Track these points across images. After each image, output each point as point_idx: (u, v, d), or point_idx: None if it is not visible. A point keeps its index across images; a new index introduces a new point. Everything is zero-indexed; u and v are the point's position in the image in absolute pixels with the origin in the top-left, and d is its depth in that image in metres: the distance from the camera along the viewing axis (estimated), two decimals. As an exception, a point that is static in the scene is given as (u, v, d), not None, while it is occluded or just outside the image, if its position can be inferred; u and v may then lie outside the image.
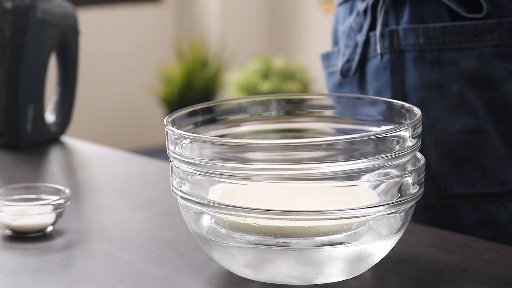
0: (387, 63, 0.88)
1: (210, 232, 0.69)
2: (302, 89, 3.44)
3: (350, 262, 0.67)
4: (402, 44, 0.87)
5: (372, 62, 0.90)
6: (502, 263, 0.72)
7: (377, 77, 0.89)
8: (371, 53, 0.90)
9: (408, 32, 0.87)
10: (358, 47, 0.91)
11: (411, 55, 0.87)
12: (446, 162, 0.86)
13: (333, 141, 0.66)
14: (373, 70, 0.90)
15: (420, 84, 0.87)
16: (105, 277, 0.71)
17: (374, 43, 0.89)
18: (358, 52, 0.90)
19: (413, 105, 0.72)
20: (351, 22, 0.92)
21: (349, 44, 0.92)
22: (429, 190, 0.87)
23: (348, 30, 0.92)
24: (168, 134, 0.69)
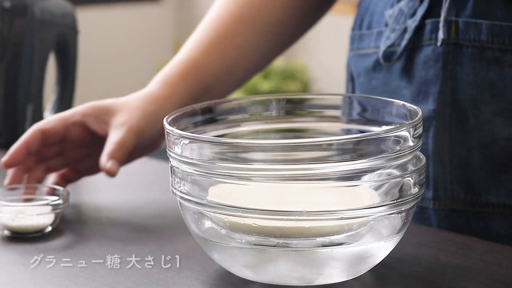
0: (440, 55, 0.84)
1: (210, 232, 0.68)
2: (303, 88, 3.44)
3: (351, 263, 0.67)
4: (460, 37, 0.83)
5: (422, 50, 0.86)
6: (504, 264, 0.72)
7: (425, 67, 0.86)
8: (424, 41, 0.86)
9: (470, 26, 0.83)
10: (407, 32, 0.87)
11: (469, 51, 0.83)
12: (486, 168, 0.83)
13: (333, 141, 0.66)
14: (422, 60, 0.86)
15: (474, 82, 0.83)
16: (104, 278, 0.71)
17: (430, 31, 0.85)
18: (407, 37, 0.86)
19: (413, 105, 0.71)
20: (402, 5, 0.88)
21: (396, 28, 0.87)
22: (461, 194, 0.84)
23: (397, 13, 0.88)
24: (167, 134, 0.69)
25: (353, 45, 0.94)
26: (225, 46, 0.94)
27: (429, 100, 0.85)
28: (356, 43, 0.94)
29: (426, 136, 0.85)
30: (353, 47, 0.94)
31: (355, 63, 0.94)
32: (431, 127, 0.85)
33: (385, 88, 0.89)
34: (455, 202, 0.85)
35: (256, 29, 0.96)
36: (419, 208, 0.86)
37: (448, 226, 0.85)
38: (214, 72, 0.94)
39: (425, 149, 0.85)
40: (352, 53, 0.95)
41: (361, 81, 0.92)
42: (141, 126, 0.88)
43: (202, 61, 0.93)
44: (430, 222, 0.85)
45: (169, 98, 0.90)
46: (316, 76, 3.56)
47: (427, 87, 0.85)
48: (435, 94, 0.84)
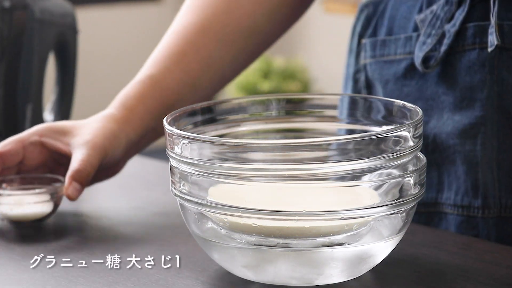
0: (485, 59, 0.83)
1: (210, 232, 0.68)
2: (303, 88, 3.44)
3: (351, 263, 0.67)
4: (506, 41, 0.81)
5: (464, 55, 0.84)
6: (504, 264, 0.72)
7: (470, 72, 0.84)
8: (466, 45, 0.84)
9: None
10: (446, 37, 0.84)
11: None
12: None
13: (333, 141, 0.66)
14: (466, 65, 0.84)
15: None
16: (104, 278, 0.71)
17: (472, 35, 0.83)
18: (446, 42, 0.84)
19: (414, 105, 0.71)
20: (437, 10, 0.86)
21: (433, 33, 0.85)
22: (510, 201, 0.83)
23: (431, 18, 0.86)
24: (167, 134, 0.69)
25: (374, 51, 0.91)
26: (187, 61, 0.91)
27: (475, 106, 0.83)
28: (378, 49, 0.91)
29: (474, 143, 0.83)
30: (375, 53, 0.91)
31: (380, 70, 0.91)
32: (479, 134, 0.83)
33: (420, 95, 0.87)
34: (503, 210, 0.83)
35: (222, 40, 0.92)
36: (465, 217, 0.85)
37: (496, 234, 0.83)
38: (176, 89, 0.91)
39: (474, 156, 0.83)
40: (373, 60, 0.92)
41: (390, 88, 0.89)
42: (105, 144, 0.85)
43: (162, 79, 0.90)
44: (478, 230, 0.84)
45: (129, 120, 0.88)
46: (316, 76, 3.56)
47: (472, 93, 0.83)
48: (482, 100, 0.83)
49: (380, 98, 0.76)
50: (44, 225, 0.85)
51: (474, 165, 0.83)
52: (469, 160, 0.83)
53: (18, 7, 1.09)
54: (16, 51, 1.10)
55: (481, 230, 0.84)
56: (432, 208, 0.86)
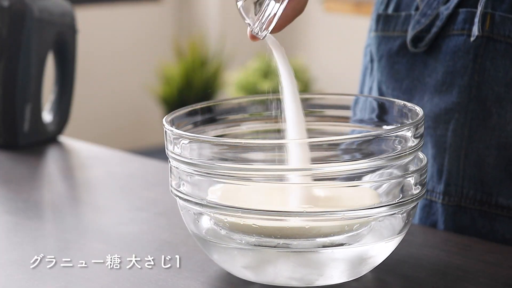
0: (471, 47, 0.82)
1: (210, 233, 0.68)
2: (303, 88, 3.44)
3: (352, 264, 0.66)
4: (495, 31, 0.81)
5: (452, 39, 0.84)
6: (505, 265, 0.72)
7: (454, 57, 0.83)
8: (455, 30, 0.84)
9: (506, 21, 0.81)
10: (438, 19, 0.84)
11: (501, 47, 0.81)
12: (501, 168, 0.82)
13: (334, 141, 0.65)
14: (452, 49, 0.84)
15: (502, 80, 0.81)
16: (103, 279, 0.70)
17: (463, 21, 0.83)
18: (438, 25, 0.84)
19: (415, 105, 0.71)
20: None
21: (428, 13, 0.85)
22: (471, 192, 0.83)
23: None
24: (167, 134, 0.69)
25: (378, 26, 0.91)
26: None
27: (453, 92, 0.83)
28: (381, 24, 0.91)
29: (446, 128, 0.83)
30: (378, 28, 0.91)
31: (378, 44, 0.91)
32: (452, 120, 0.83)
33: (408, 73, 0.87)
34: (463, 199, 0.83)
35: None
36: (428, 201, 0.85)
37: (453, 223, 0.83)
38: None
39: (443, 142, 0.83)
40: (375, 33, 0.92)
41: (382, 64, 0.90)
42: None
43: None
44: (437, 217, 0.84)
45: None
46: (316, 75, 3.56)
47: (453, 78, 0.83)
48: (461, 86, 0.83)
49: (380, 98, 0.76)
50: (44, 225, 0.84)
51: (442, 151, 0.83)
52: (438, 145, 0.83)
53: (17, 6, 1.09)
54: (15, 51, 1.10)
55: (439, 217, 0.84)
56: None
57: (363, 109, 0.76)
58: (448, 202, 0.84)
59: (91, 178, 1.01)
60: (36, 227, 0.84)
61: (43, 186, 1.01)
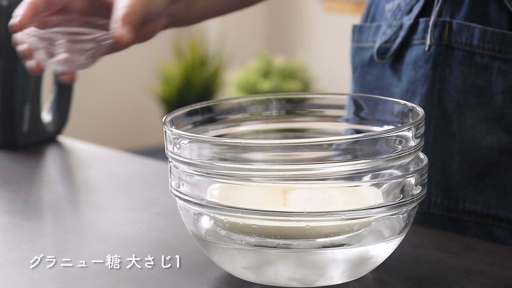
0: (430, 56, 0.83)
1: (209, 233, 0.68)
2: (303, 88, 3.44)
3: (352, 264, 0.66)
4: (453, 39, 0.82)
5: (413, 49, 0.85)
6: (506, 265, 0.71)
7: (415, 66, 0.84)
8: (415, 39, 0.84)
9: (463, 29, 0.81)
10: (402, 30, 0.85)
11: (459, 54, 0.82)
12: (465, 174, 0.82)
13: (334, 141, 0.65)
14: (413, 59, 0.84)
15: (461, 87, 0.82)
16: (103, 279, 0.70)
17: (422, 30, 0.84)
18: (401, 35, 0.85)
19: (416, 105, 0.71)
20: (401, 1, 0.87)
21: (393, 24, 0.86)
22: (439, 199, 0.83)
23: (395, 8, 0.87)
24: (166, 134, 0.68)
25: (353, 36, 0.93)
26: None
27: (415, 101, 0.84)
28: (356, 35, 0.92)
29: None
30: (353, 38, 0.93)
31: (354, 55, 0.92)
32: None
33: (378, 84, 0.88)
34: (432, 206, 0.84)
35: None
36: None
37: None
38: None
39: None
40: (352, 44, 0.93)
41: (356, 74, 0.91)
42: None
43: None
44: None
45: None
46: (316, 75, 3.56)
47: (415, 87, 0.84)
48: (422, 95, 0.83)
49: (380, 98, 0.75)
50: (44, 226, 0.84)
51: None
52: None
53: (16, 5, 1.09)
54: (14, 51, 1.09)
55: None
56: None
57: (363, 109, 0.76)
58: (418, 210, 0.84)
59: (90, 178, 1.01)
60: (35, 227, 0.84)
61: (43, 186, 1.01)
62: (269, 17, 3.94)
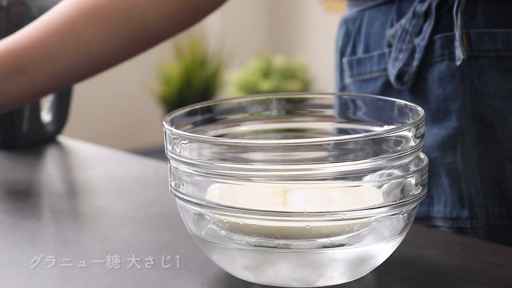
0: (455, 70, 0.83)
1: (209, 233, 0.68)
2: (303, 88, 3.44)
3: (352, 264, 0.66)
4: (474, 49, 0.82)
5: (434, 68, 0.84)
6: (507, 266, 0.71)
7: (442, 84, 0.84)
8: (435, 57, 0.84)
9: (483, 37, 0.81)
10: (416, 51, 0.85)
11: (485, 62, 0.81)
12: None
13: (334, 141, 0.65)
14: (437, 77, 0.84)
15: (495, 93, 0.81)
16: (102, 280, 0.70)
17: (440, 47, 0.84)
18: (417, 57, 0.84)
19: (416, 105, 0.71)
20: (405, 24, 0.85)
21: (403, 48, 0.85)
22: (496, 209, 0.83)
23: (400, 32, 0.86)
24: (166, 134, 0.68)
25: (352, 71, 0.91)
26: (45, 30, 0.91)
27: (451, 117, 0.83)
28: (355, 69, 0.91)
29: (454, 154, 0.83)
30: (353, 73, 0.91)
31: (359, 89, 0.91)
32: (458, 145, 0.83)
33: None
34: (491, 218, 0.84)
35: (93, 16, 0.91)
36: (457, 229, 0.85)
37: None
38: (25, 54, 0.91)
39: (455, 168, 0.84)
40: (351, 79, 0.92)
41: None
42: None
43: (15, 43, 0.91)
44: None
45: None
46: (316, 75, 3.56)
47: (446, 105, 0.83)
48: (457, 110, 0.83)
49: (381, 98, 0.75)
50: (43, 226, 0.84)
51: (456, 177, 0.84)
52: (451, 172, 0.84)
53: (16, 5, 1.09)
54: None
55: None
56: (426, 222, 0.87)
57: (363, 109, 0.76)
58: (477, 225, 0.84)
59: (90, 178, 1.00)
60: (35, 227, 0.84)
61: (42, 186, 1.01)
62: (269, 17, 3.94)
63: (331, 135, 0.77)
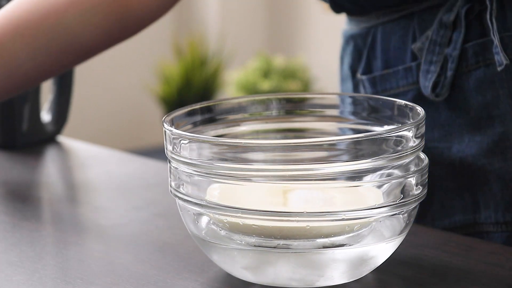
0: (493, 75, 0.82)
1: (209, 234, 0.68)
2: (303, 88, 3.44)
3: (352, 265, 0.66)
4: (508, 52, 0.81)
5: (470, 76, 0.83)
6: (507, 266, 0.71)
7: (481, 91, 0.83)
8: (470, 65, 0.83)
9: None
10: (449, 62, 0.84)
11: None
12: None
13: (335, 141, 0.65)
14: (475, 84, 0.83)
15: None
16: (102, 280, 0.70)
17: (473, 55, 0.83)
18: (451, 67, 0.83)
19: (416, 105, 0.70)
20: (432, 35, 0.84)
21: (434, 60, 0.84)
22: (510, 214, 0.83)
23: (428, 45, 0.85)
24: (166, 134, 0.68)
25: (375, 88, 0.89)
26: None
27: (495, 124, 0.83)
28: (379, 85, 0.89)
29: (503, 159, 0.83)
30: (376, 90, 0.90)
31: None
32: (506, 149, 0.83)
33: (434, 123, 0.85)
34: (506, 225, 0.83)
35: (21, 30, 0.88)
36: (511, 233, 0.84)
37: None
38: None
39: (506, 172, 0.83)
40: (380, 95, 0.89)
41: None
42: None
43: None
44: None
45: None
46: (316, 75, 3.56)
47: (489, 111, 0.83)
48: (500, 116, 0.82)
49: (381, 98, 0.75)
50: (43, 226, 0.84)
51: (508, 181, 0.83)
52: (501, 176, 0.83)
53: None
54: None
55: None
56: (471, 229, 0.85)
57: (364, 109, 0.76)
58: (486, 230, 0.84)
59: (90, 178, 1.00)
60: (34, 227, 0.84)
61: (42, 186, 1.01)
62: (269, 17, 3.93)
63: (331, 135, 0.77)
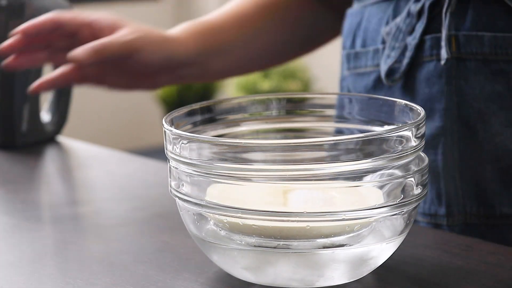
0: (442, 70, 0.84)
1: (209, 234, 0.68)
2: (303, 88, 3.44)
3: (352, 265, 0.66)
4: (463, 51, 0.82)
5: (423, 67, 0.85)
6: (508, 266, 0.71)
7: (429, 83, 0.85)
8: (424, 57, 0.85)
9: (471, 39, 0.82)
10: (407, 50, 0.86)
11: (472, 64, 0.82)
12: (498, 180, 0.83)
13: (335, 141, 0.65)
14: (425, 76, 0.85)
15: (480, 95, 0.82)
16: (102, 280, 0.70)
17: (430, 47, 0.85)
18: (408, 55, 0.86)
19: (416, 105, 0.70)
20: (399, 23, 0.87)
21: (396, 46, 0.87)
22: (474, 208, 0.84)
23: (395, 30, 0.87)
24: (166, 134, 0.68)
25: (349, 64, 0.93)
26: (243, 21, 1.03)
27: (435, 117, 0.84)
28: (352, 62, 0.93)
29: (435, 153, 0.85)
30: (350, 66, 0.93)
31: (354, 82, 0.93)
32: (439, 144, 0.84)
33: None
34: (468, 217, 0.85)
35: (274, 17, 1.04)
36: (433, 225, 0.86)
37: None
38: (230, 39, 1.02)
39: (435, 166, 0.85)
40: (348, 72, 0.94)
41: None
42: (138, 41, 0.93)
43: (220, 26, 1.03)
44: None
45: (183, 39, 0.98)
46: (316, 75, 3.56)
47: (432, 104, 0.85)
48: (441, 110, 0.84)
49: (381, 98, 0.75)
50: (42, 226, 0.84)
51: (436, 175, 0.85)
52: (432, 170, 0.85)
53: (15, 6, 1.09)
54: (14, 50, 1.09)
55: None
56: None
57: (364, 109, 0.76)
58: (453, 223, 0.85)
59: (89, 178, 1.00)
60: (34, 227, 0.84)
61: (41, 186, 1.01)
62: (268, 17, 3.93)
63: (331, 135, 0.77)
